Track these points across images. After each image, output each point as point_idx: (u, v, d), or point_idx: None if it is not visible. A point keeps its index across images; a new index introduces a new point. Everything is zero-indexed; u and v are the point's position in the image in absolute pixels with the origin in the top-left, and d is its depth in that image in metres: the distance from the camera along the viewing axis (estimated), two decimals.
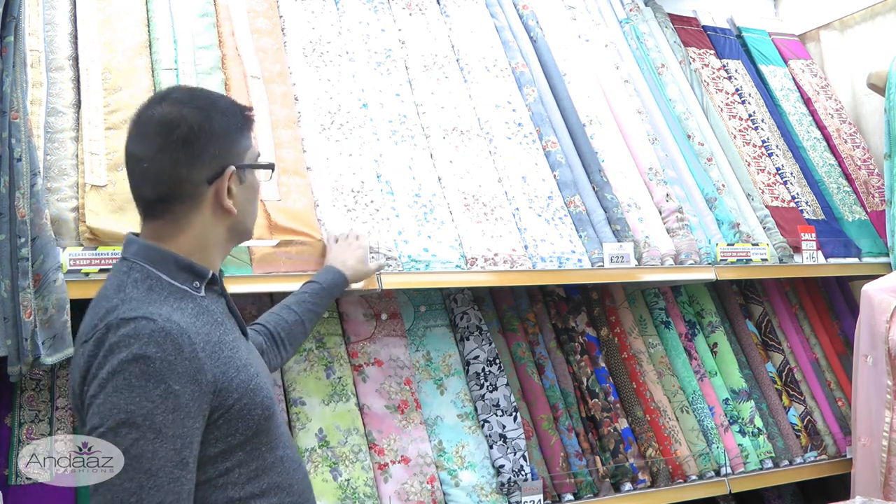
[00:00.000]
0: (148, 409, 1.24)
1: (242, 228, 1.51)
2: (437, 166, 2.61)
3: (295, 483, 1.45)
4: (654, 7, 3.49)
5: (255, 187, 1.52)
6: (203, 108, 1.42)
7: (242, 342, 1.47)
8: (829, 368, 3.16)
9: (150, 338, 1.26)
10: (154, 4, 2.45)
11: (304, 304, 1.96)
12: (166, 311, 1.31)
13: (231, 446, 1.35)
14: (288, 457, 1.46)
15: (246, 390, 1.37)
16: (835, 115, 3.60)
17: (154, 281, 1.37)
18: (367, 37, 2.77)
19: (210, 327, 1.38)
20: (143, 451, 1.23)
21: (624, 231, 2.70)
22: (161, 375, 1.25)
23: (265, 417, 1.39)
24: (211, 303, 1.43)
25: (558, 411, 2.55)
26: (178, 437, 1.26)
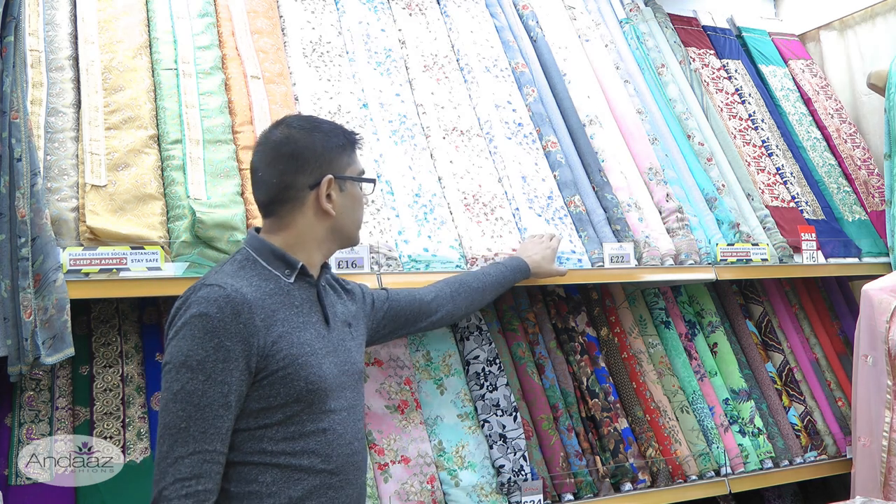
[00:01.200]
0: (202, 357, 1.51)
1: (344, 231, 1.77)
2: (437, 166, 2.61)
3: (334, 455, 1.64)
4: (654, 7, 3.49)
5: (357, 198, 1.78)
6: (308, 130, 1.72)
7: (316, 327, 1.69)
8: (829, 368, 3.16)
9: (215, 301, 1.54)
10: (154, 4, 2.45)
11: (489, 277, 2.27)
12: (239, 284, 1.59)
13: (271, 406, 1.58)
14: (335, 431, 1.65)
15: (292, 363, 1.59)
16: (835, 115, 3.60)
17: (250, 263, 1.67)
18: (367, 37, 2.77)
19: (281, 306, 1.63)
20: (195, 389, 1.50)
21: (624, 231, 2.70)
22: (216, 332, 1.52)
23: (308, 391, 1.61)
24: (297, 289, 1.69)
25: (558, 411, 2.55)
26: (226, 383, 1.52)
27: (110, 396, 2.09)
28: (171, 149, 2.21)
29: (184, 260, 2.04)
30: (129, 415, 2.08)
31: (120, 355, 2.15)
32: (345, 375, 1.72)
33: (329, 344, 1.70)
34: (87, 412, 2.05)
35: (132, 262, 1.97)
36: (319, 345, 1.67)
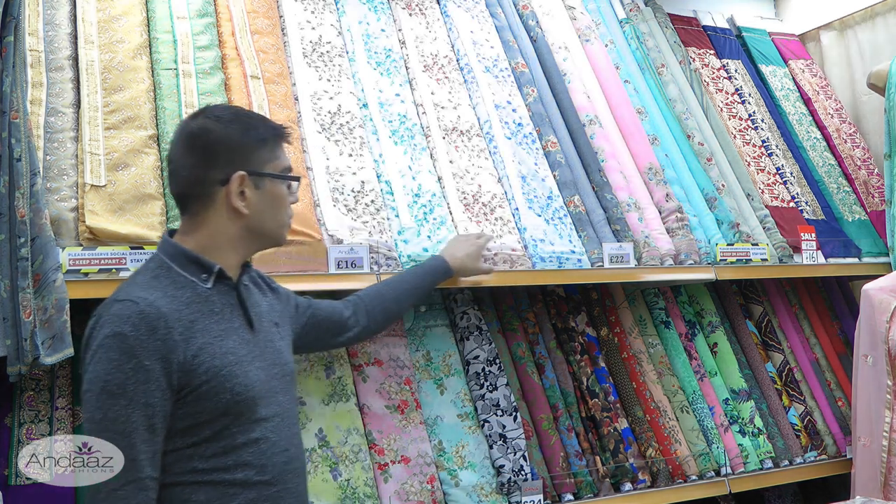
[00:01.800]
0: (122, 380, 1.44)
1: (263, 232, 1.67)
2: (437, 166, 2.61)
3: (270, 465, 1.57)
4: (654, 7, 3.49)
5: (278, 196, 1.66)
6: (226, 121, 1.62)
7: (239, 333, 1.61)
8: (829, 368, 3.16)
9: (129, 319, 1.46)
10: (154, 4, 2.45)
11: (403, 284, 2.17)
12: (153, 296, 1.50)
13: (198, 422, 1.51)
14: (269, 440, 1.58)
15: (216, 375, 1.51)
16: (835, 115, 3.59)
17: (164, 270, 1.58)
18: (367, 37, 2.77)
19: (199, 315, 1.55)
20: (118, 415, 1.44)
21: (624, 231, 2.70)
22: (133, 351, 1.45)
23: (236, 402, 1.53)
24: (216, 294, 1.60)
25: (558, 411, 2.55)
26: (149, 405, 1.45)
27: None
28: None
29: None
30: None
31: None
32: (275, 379, 1.64)
33: (255, 348, 1.62)
34: None
35: (131, 262, 1.97)
36: (244, 351, 1.59)
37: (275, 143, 1.67)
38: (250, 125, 1.65)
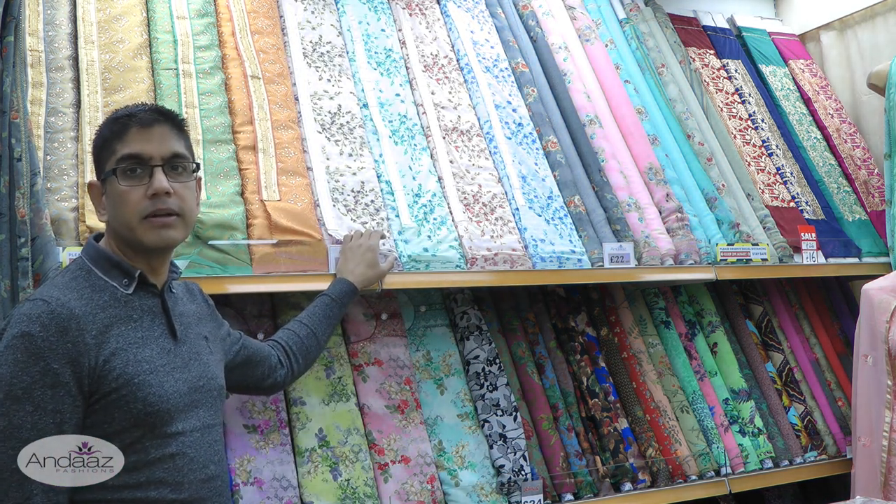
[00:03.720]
0: (28, 384, 1.35)
1: (119, 235, 1.54)
2: (438, 166, 2.61)
3: (186, 482, 1.48)
4: (654, 7, 3.49)
5: (112, 192, 1.53)
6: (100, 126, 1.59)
7: (160, 342, 1.53)
8: (829, 368, 3.16)
9: (38, 319, 1.38)
10: (154, 4, 2.45)
11: (315, 317, 2.05)
12: (67, 297, 1.42)
13: (107, 433, 1.42)
14: (186, 455, 1.49)
15: (127, 382, 1.43)
16: (835, 115, 3.60)
17: (84, 273, 1.50)
18: (367, 37, 2.77)
19: (115, 320, 1.47)
20: (23, 422, 1.34)
21: (624, 231, 2.70)
22: (41, 353, 1.36)
23: (147, 414, 1.44)
24: (137, 300, 1.53)
25: (558, 411, 2.55)
26: (58, 411, 1.36)
27: None
28: None
29: (183, 259, 2.04)
30: None
31: None
32: (197, 393, 1.55)
33: (176, 359, 1.54)
34: None
35: None
36: (162, 361, 1.50)
37: (116, 139, 1.54)
38: (100, 128, 1.58)
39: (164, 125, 1.56)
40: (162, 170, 1.52)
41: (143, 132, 1.53)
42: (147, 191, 1.51)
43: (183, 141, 1.60)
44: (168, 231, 1.53)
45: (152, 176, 1.51)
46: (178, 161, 1.57)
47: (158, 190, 1.51)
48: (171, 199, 1.53)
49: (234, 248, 2.11)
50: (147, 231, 1.51)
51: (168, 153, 1.54)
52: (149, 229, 1.51)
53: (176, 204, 1.53)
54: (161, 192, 1.51)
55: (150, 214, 1.51)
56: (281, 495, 2.10)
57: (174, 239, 1.55)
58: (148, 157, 1.52)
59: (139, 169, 1.52)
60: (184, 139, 1.61)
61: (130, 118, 1.53)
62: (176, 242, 1.57)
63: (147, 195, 1.51)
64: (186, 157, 1.59)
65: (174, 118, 1.60)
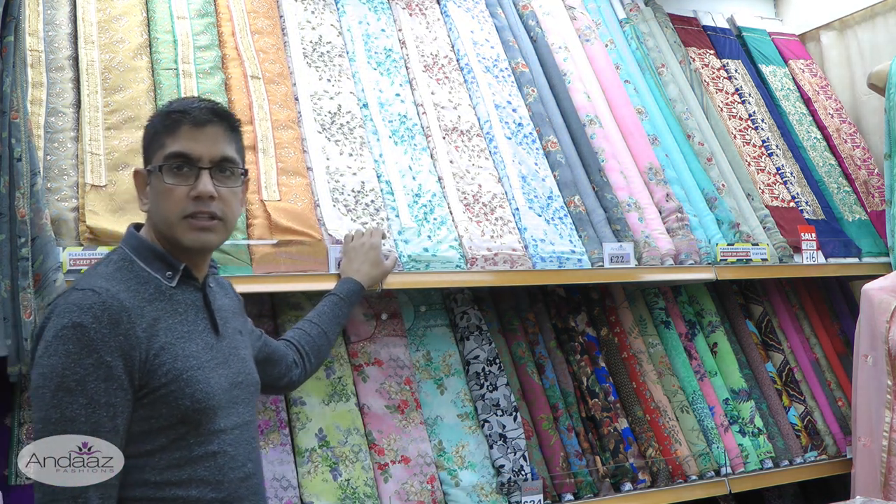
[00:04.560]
0: (81, 376, 1.32)
1: (158, 231, 1.52)
2: (437, 166, 2.61)
3: (226, 481, 1.46)
4: (654, 7, 3.49)
5: (156, 188, 1.50)
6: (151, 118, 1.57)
7: (203, 336, 1.51)
8: (829, 368, 3.16)
9: (90, 309, 1.35)
10: (154, 4, 2.45)
11: (325, 316, 2.03)
12: (115, 289, 1.40)
13: (153, 429, 1.40)
14: (227, 454, 1.48)
15: (176, 378, 1.41)
16: (835, 115, 3.60)
17: (127, 264, 1.48)
18: (367, 37, 2.77)
19: (163, 313, 1.45)
20: (77, 414, 1.32)
21: (624, 231, 2.70)
22: (94, 345, 1.33)
23: (195, 410, 1.43)
24: (181, 294, 1.51)
25: (558, 411, 2.55)
26: (111, 405, 1.34)
27: None
28: None
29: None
30: None
31: None
32: (237, 389, 1.54)
33: (219, 354, 1.52)
34: None
35: None
36: (207, 356, 1.49)
37: (166, 133, 1.51)
38: (153, 119, 1.55)
39: (217, 126, 1.53)
40: (209, 173, 1.49)
41: (194, 131, 1.50)
42: (191, 191, 1.48)
43: (234, 144, 1.57)
44: (207, 235, 1.50)
45: (198, 178, 1.48)
46: (227, 165, 1.53)
47: (202, 193, 1.48)
48: (215, 204, 1.50)
49: (234, 248, 2.11)
50: (186, 231, 1.49)
51: (217, 156, 1.51)
52: (187, 230, 1.49)
53: (219, 208, 1.50)
54: (205, 196, 1.48)
55: (191, 215, 1.48)
56: (281, 495, 2.10)
57: (212, 243, 1.53)
58: (197, 157, 1.49)
59: (186, 168, 1.49)
60: (236, 142, 1.58)
61: (184, 115, 1.50)
62: (213, 246, 1.55)
63: (190, 195, 1.48)
64: (236, 162, 1.55)
65: (229, 119, 1.57)
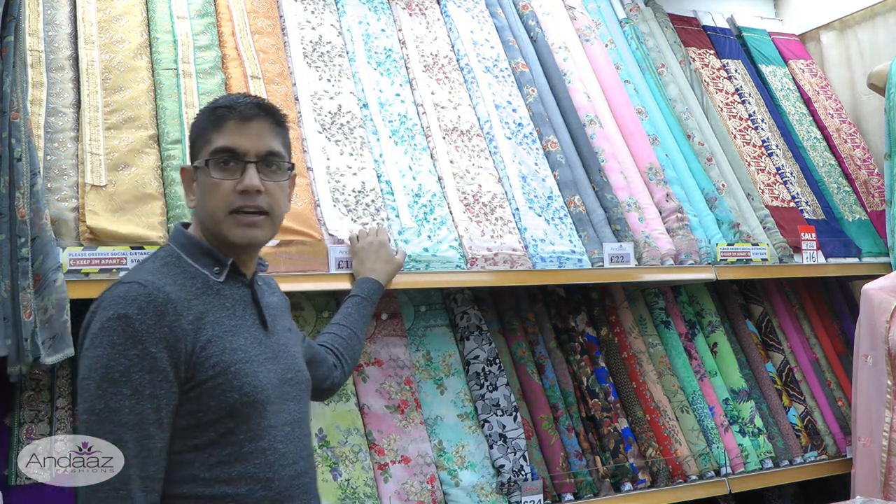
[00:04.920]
0: (125, 367, 1.33)
1: (205, 227, 1.52)
2: (437, 166, 2.61)
3: (276, 478, 1.44)
4: (654, 7, 3.49)
5: (205, 185, 1.50)
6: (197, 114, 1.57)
7: (252, 331, 1.50)
8: (829, 368, 3.16)
9: (135, 301, 1.35)
10: (154, 4, 2.45)
11: (352, 317, 2.02)
12: (162, 282, 1.41)
13: (201, 423, 1.39)
14: (277, 450, 1.45)
15: (224, 371, 1.40)
16: (835, 115, 3.60)
17: (174, 259, 1.49)
18: (367, 37, 2.77)
19: (210, 307, 1.45)
20: (121, 405, 1.32)
21: (624, 231, 2.70)
22: (139, 336, 1.34)
23: (243, 404, 1.41)
24: (228, 289, 1.51)
25: (558, 411, 2.55)
26: (155, 396, 1.34)
27: None
28: (171, 149, 2.21)
29: None
30: None
31: None
32: (287, 385, 1.52)
33: (268, 350, 1.51)
34: None
35: (132, 262, 1.97)
36: (256, 351, 1.48)
37: (212, 128, 1.51)
38: (200, 114, 1.56)
39: (263, 120, 1.53)
40: (255, 166, 1.50)
41: (240, 126, 1.50)
42: (237, 185, 1.48)
43: (281, 138, 1.57)
44: (254, 230, 1.50)
45: (244, 171, 1.49)
46: (273, 159, 1.53)
47: (249, 187, 1.48)
48: (261, 197, 1.49)
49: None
50: (232, 226, 1.49)
51: (264, 150, 1.51)
52: (234, 225, 1.49)
53: (265, 202, 1.50)
54: (251, 190, 1.48)
55: (238, 210, 1.48)
56: None
57: (259, 238, 1.52)
58: (243, 151, 1.50)
59: (232, 162, 1.49)
60: (282, 136, 1.57)
61: (230, 110, 1.51)
62: (261, 242, 1.54)
63: (237, 189, 1.48)
64: (282, 156, 1.55)
65: (275, 114, 1.57)
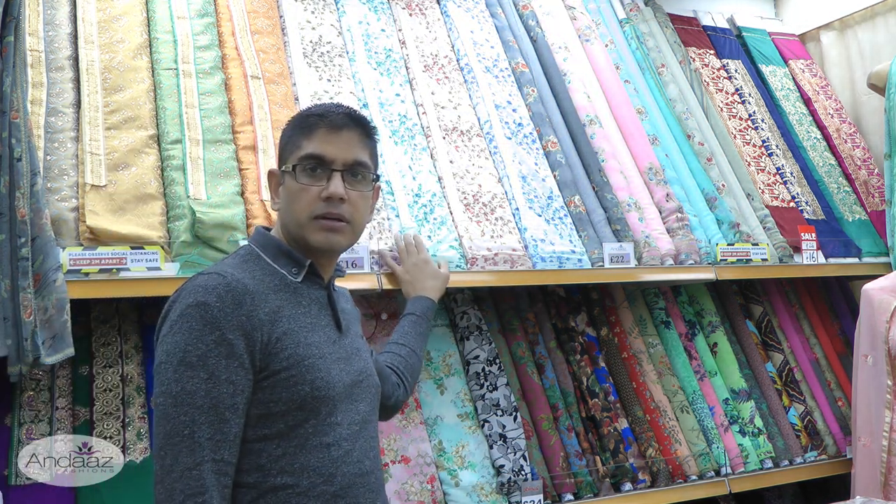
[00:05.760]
0: (203, 352, 1.36)
1: (287, 231, 1.56)
2: (438, 166, 2.61)
3: (339, 474, 1.45)
4: (654, 7, 3.49)
5: (290, 190, 1.54)
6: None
7: (326, 331, 1.54)
8: (829, 368, 3.16)
9: (214, 290, 1.39)
10: (154, 4, 2.45)
11: (409, 336, 2.04)
12: (240, 275, 1.45)
13: (272, 413, 1.41)
14: (342, 447, 1.47)
15: (297, 363, 1.43)
16: (835, 115, 3.60)
17: (253, 258, 1.53)
18: (367, 37, 2.77)
19: (286, 303, 1.48)
20: (196, 388, 1.35)
21: (624, 231, 2.70)
22: (217, 323, 1.37)
23: (314, 398, 1.44)
24: (305, 289, 1.54)
25: (558, 411, 2.55)
26: (231, 381, 1.37)
27: (110, 396, 2.09)
28: (171, 149, 2.21)
29: (184, 260, 2.04)
30: (129, 415, 2.08)
31: (120, 355, 2.15)
32: (357, 387, 1.55)
33: (340, 350, 1.54)
34: (86, 412, 2.05)
35: (132, 262, 1.97)
36: (329, 349, 1.51)
37: (301, 134, 1.56)
38: (293, 120, 1.60)
39: (353, 130, 1.57)
40: (341, 175, 1.53)
41: (330, 134, 1.54)
42: (322, 192, 1.52)
43: (369, 150, 1.60)
44: (335, 236, 1.54)
45: (330, 179, 1.53)
46: (359, 169, 1.57)
47: (333, 195, 1.51)
48: (344, 206, 1.53)
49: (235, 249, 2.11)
50: (315, 231, 1.53)
51: (351, 160, 1.55)
52: (317, 230, 1.53)
53: (348, 211, 1.54)
54: (336, 198, 1.52)
55: (321, 216, 1.52)
56: None
57: (340, 244, 1.56)
58: (330, 160, 1.54)
59: (319, 169, 1.53)
60: (370, 147, 1.61)
61: (321, 118, 1.55)
62: (341, 248, 1.58)
63: (321, 196, 1.52)
64: (368, 167, 1.59)
65: (365, 125, 1.60)
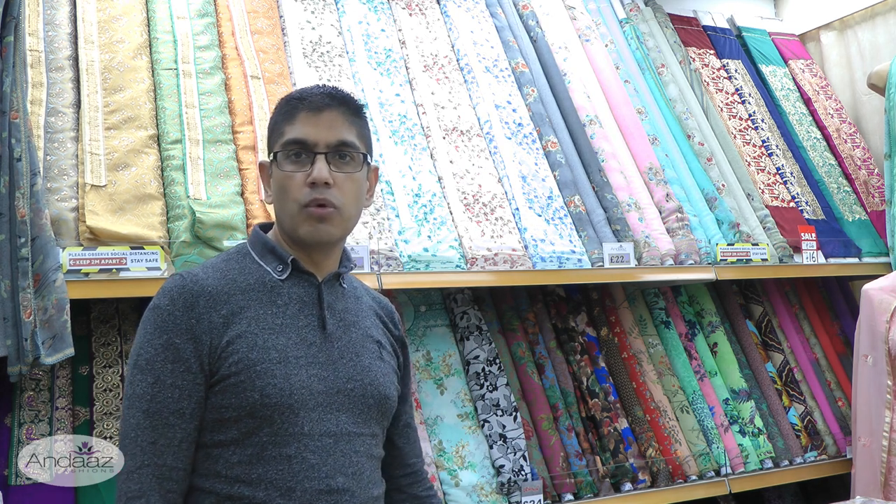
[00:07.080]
0: (150, 356, 1.34)
1: (279, 223, 1.48)
2: (437, 166, 2.61)
3: (299, 490, 1.34)
4: (654, 7, 3.49)
5: (276, 177, 1.44)
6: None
7: (302, 332, 1.42)
8: (829, 368, 3.16)
9: (168, 292, 1.37)
10: (154, 4, 2.45)
11: None
12: (206, 275, 1.40)
13: (224, 419, 1.35)
14: (306, 461, 1.36)
15: (246, 368, 1.34)
16: (835, 115, 3.60)
17: (240, 256, 1.48)
18: (367, 37, 2.77)
19: (254, 303, 1.40)
20: (144, 392, 1.33)
21: (624, 231, 2.70)
22: (165, 327, 1.35)
23: (265, 405, 1.34)
24: (289, 287, 1.44)
25: (558, 411, 2.55)
26: (176, 386, 1.34)
27: (110, 396, 2.09)
28: (171, 149, 2.21)
29: (183, 260, 2.04)
30: None
31: (120, 355, 2.16)
32: (340, 395, 1.40)
33: (319, 354, 1.42)
34: (86, 412, 2.05)
35: (132, 262, 1.97)
36: (298, 353, 1.39)
37: (287, 119, 1.45)
38: (275, 108, 1.50)
39: (335, 110, 1.45)
40: (325, 158, 1.42)
41: (311, 116, 1.44)
42: (307, 178, 1.42)
43: (356, 129, 1.48)
44: (324, 226, 1.42)
45: (314, 163, 1.42)
46: (346, 149, 1.45)
47: (317, 179, 1.41)
48: (331, 191, 1.42)
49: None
50: (303, 222, 1.42)
51: (334, 140, 1.44)
52: (305, 220, 1.42)
53: (336, 196, 1.42)
54: (320, 182, 1.41)
55: (308, 204, 1.42)
56: None
57: (329, 234, 1.44)
58: (313, 143, 1.43)
59: (303, 154, 1.43)
60: (357, 127, 1.49)
61: (301, 101, 1.45)
62: (332, 239, 1.45)
63: (307, 183, 1.41)
64: (355, 146, 1.46)
65: (349, 102, 1.49)
